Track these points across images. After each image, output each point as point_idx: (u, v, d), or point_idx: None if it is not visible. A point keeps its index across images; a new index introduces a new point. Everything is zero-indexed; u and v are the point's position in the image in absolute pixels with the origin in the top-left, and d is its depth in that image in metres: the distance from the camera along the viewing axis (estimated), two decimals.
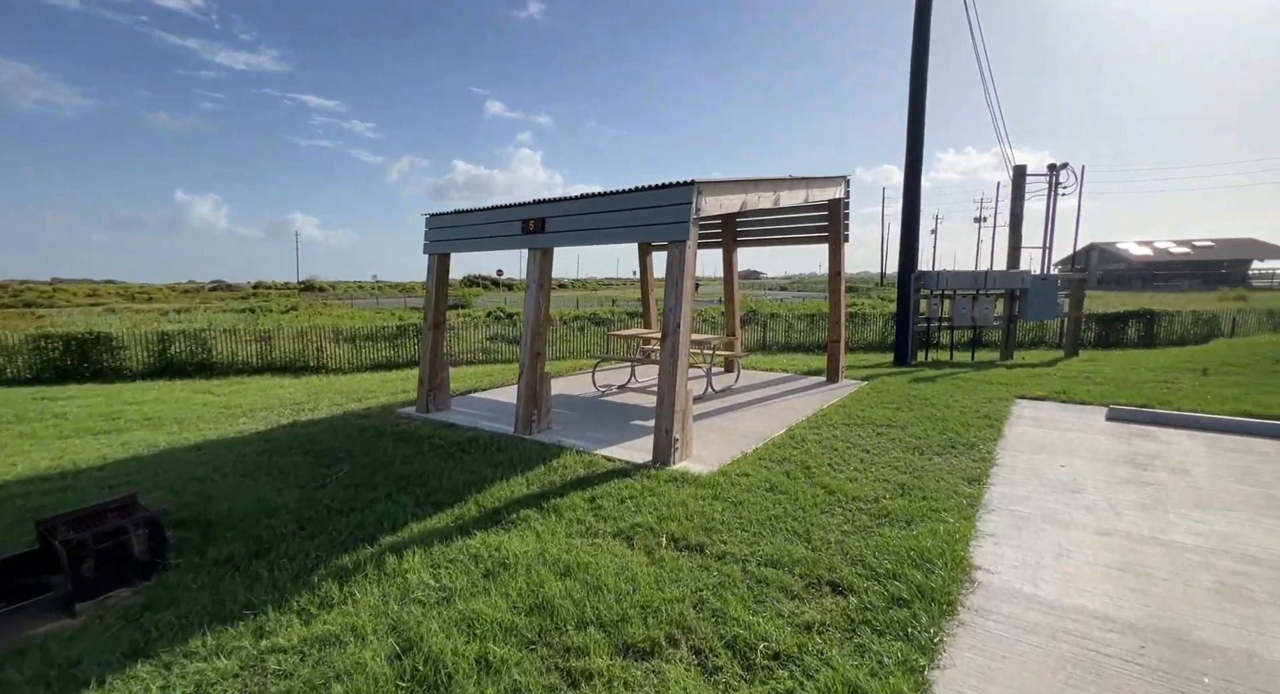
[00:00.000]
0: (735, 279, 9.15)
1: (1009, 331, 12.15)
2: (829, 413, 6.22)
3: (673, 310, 4.56)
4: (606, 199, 4.97)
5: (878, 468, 4.41)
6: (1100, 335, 15.73)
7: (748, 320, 18.23)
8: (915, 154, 10.32)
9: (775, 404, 6.76)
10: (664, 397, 4.57)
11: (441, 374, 6.42)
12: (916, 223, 10.62)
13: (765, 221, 8.75)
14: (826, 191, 7.24)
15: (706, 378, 7.33)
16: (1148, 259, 52.25)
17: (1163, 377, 8.70)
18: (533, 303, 5.43)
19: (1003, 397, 7.03)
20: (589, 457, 4.69)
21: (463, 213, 6.12)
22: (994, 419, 5.91)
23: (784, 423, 5.84)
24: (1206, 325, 15.77)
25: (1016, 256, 12.62)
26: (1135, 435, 5.38)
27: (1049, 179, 12.52)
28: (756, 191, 5.48)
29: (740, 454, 4.81)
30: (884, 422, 5.80)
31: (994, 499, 3.84)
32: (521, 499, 3.77)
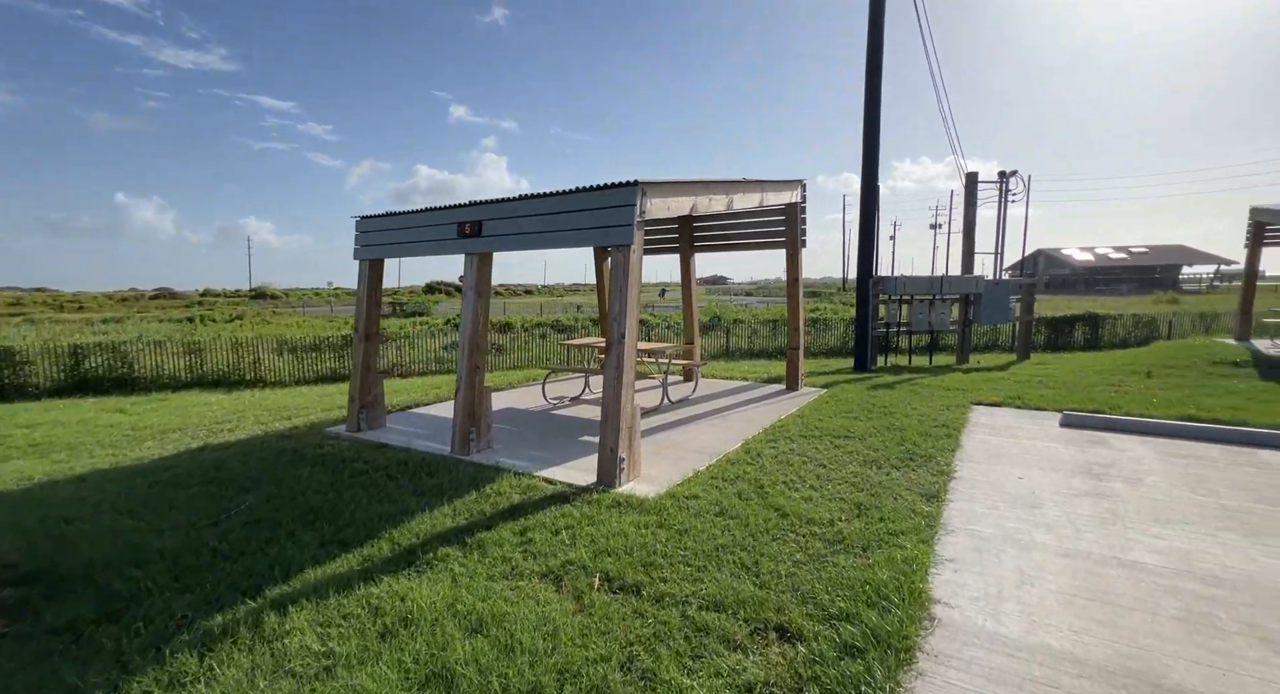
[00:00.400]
0: (693, 285, 8.91)
1: (964, 336, 12.32)
2: (787, 424, 6.00)
3: (617, 319, 4.24)
4: (547, 201, 4.62)
5: (834, 485, 4.18)
6: (1049, 338, 16.23)
7: (711, 326, 18.12)
8: (871, 159, 10.34)
9: (733, 415, 6.51)
10: (609, 413, 4.24)
11: (375, 389, 5.92)
12: (874, 228, 10.63)
13: (723, 226, 8.55)
14: (782, 195, 7.07)
15: (662, 389, 7.04)
16: (1090, 264, 54.97)
17: (1110, 380, 8.88)
18: (470, 313, 5.02)
19: (960, 403, 6.97)
20: (528, 480, 4.30)
21: (394, 215, 5.66)
22: (951, 428, 5.79)
23: (740, 436, 5.59)
24: (1146, 328, 16.46)
25: (970, 262, 12.85)
26: (1089, 442, 5.33)
27: (999, 186, 12.81)
28: (708, 194, 5.23)
29: (692, 473, 4.51)
30: (842, 432, 5.61)
31: (953, 518, 3.64)
32: (444, 534, 3.37)
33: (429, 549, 3.16)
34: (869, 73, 10.09)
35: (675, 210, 4.76)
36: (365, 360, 5.81)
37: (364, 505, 3.80)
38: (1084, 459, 4.82)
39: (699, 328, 9.14)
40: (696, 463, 4.76)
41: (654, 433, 5.75)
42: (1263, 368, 9.16)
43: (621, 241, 4.22)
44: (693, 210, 5.01)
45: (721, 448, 5.20)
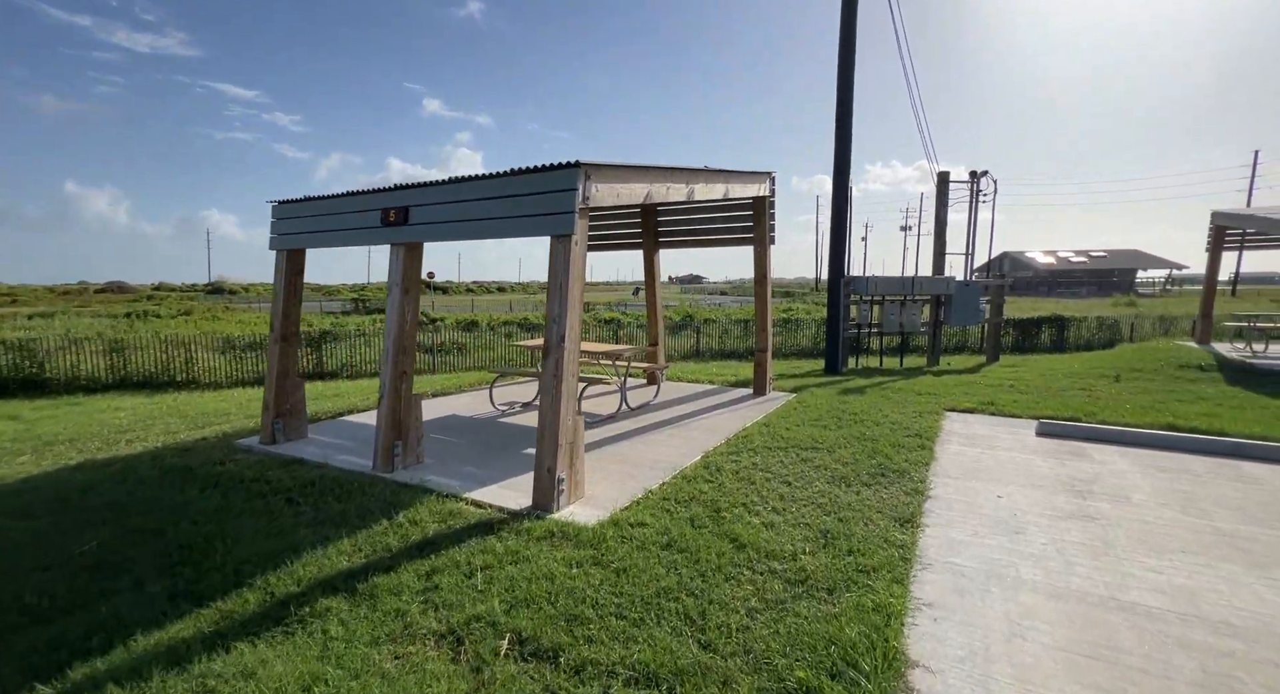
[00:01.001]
0: (657, 283, 8.42)
1: (935, 337, 12.14)
2: (751, 434, 5.56)
3: (556, 321, 3.71)
4: (477, 184, 4.05)
5: (799, 507, 3.73)
6: (1018, 340, 16.29)
7: (682, 326, 17.70)
8: (843, 159, 10.01)
9: (695, 424, 6.04)
10: (546, 427, 3.70)
11: (294, 396, 5.25)
12: (846, 227, 10.32)
13: (688, 220, 8.08)
14: (749, 188, 6.63)
15: (620, 394, 6.53)
16: (1052, 267, 56.57)
17: (1080, 384, 8.73)
18: (395, 312, 4.42)
19: (933, 410, 6.64)
20: (452, 504, 3.74)
21: (314, 200, 5.01)
22: (925, 437, 5.43)
23: (700, 448, 5.11)
24: (1109, 330, 16.66)
25: (941, 262, 12.69)
26: (1068, 454, 5.02)
27: (971, 185, 12.68)
28: (665, 182, 4.73)
29: (642, 493, 4.01)
30: (810, 443, 5.19)
31: (930, 547, 3.23)
32: (333, 578, 2.79)
33: (308, 600, 2.59)
34: (841, 70, 9.76)
35: (627, 198, 4.25)
36: (282, 364, 5.14)
37: (245, 541, 3.19)
38: (1065, 474, 4.49)
39: (664, 328, 8.66)
40: (649, 480, 4.27)
41: (607, 444, 5.24)
42: (1228, 372, 9.15)
43: (561, 231, 3.69)
44: (648, 199, 4.50)
45: (679, 462, 4.71)
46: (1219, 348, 11.42)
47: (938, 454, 4.98)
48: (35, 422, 7.09)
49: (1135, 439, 5.35)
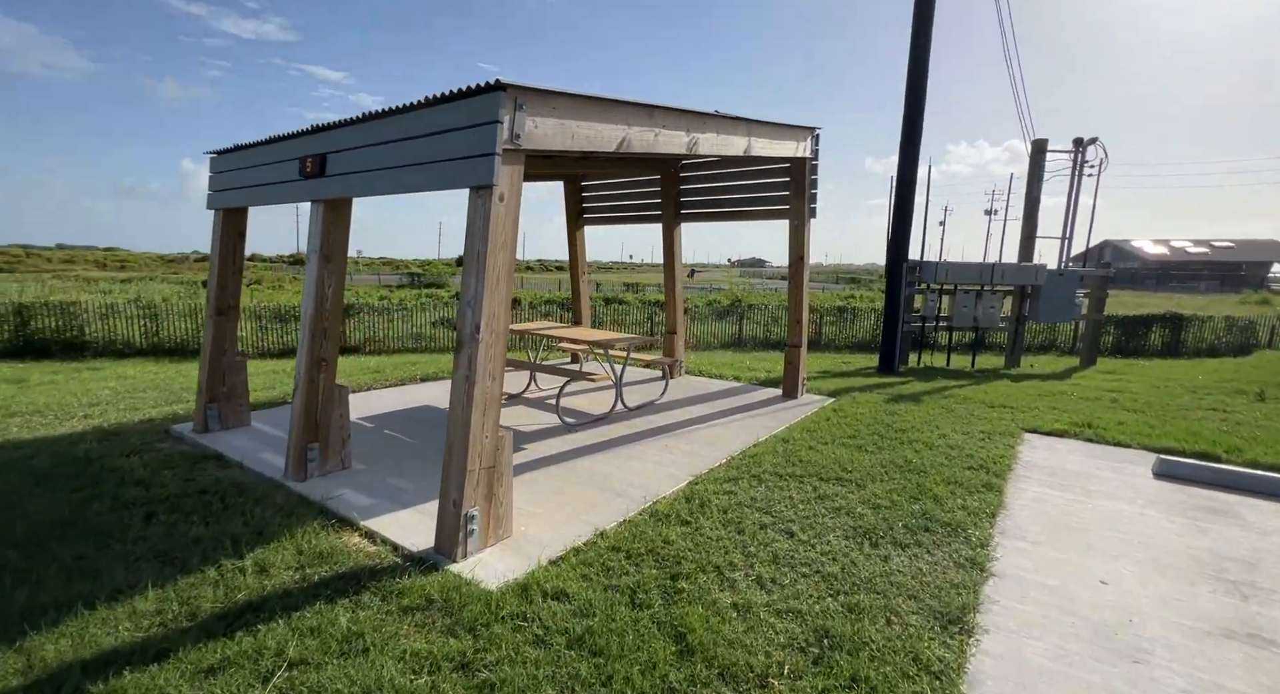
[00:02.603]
0: (677, 262, 7.30)
1: (1017, 335, 10.33)
2: (763, 452, 4.44)
3: (470, 305, 2.75)
4: (399, 120, 3.12)
5: (794, 578, 2.64)
6: (1120, 340, 13.88)
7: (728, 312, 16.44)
8: (914, 115, 8.39)
9: (698, 433, 4.98)
10: (453, 446, 2.78)
11: (233, 379, 4.63)
12: (911, 200, 8.73)
13: (714, 188, 6.87)
14: (783, 145, 5.36)
15: (615, 391, 5.54)
16: (1164, 258, 49.98)
17: (1209, 401, 6.91)
18: (313, 285, 3.62)
19: (1006, 430, 5.23)
20: (337, 537, 2.91)
21: (243, 149, 4.26)
22: (993, 471, 4.12)
23: (692, 469, 4.07)
24: (1242, 333, 13.89)
25: (1030, 247, 10.74)
26: (1205, 511, 3.59)
27: (1074, 156, 10.57)
28: (651, 125, 3.62)
29: (591, 535, 3.04)
30: (835, 471, 4.01)
31: (985, 680, 2.07)
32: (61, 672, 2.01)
33: None
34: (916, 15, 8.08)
35: (593, 143, 3.19)
36: (218, 341, 4.51)
37: (42, 580, 2.48)
38: (1205, 546, 3.11)
39: (683, 315, 7.56)
40: (608, 515, 3.29)
41: (579, 456, 4.29)
42: None
43: (477, 180, 2.70)
44: (625, 147, 3.42)
45: (658, 488, 3.70)
46: None
47: (1009, 500, 3.69)
48: (35, 386, 7.00)
49: None
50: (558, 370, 5.24)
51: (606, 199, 7.84)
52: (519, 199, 2.81)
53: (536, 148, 2.87)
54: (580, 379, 4.95)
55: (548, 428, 4.99)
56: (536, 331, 5.77)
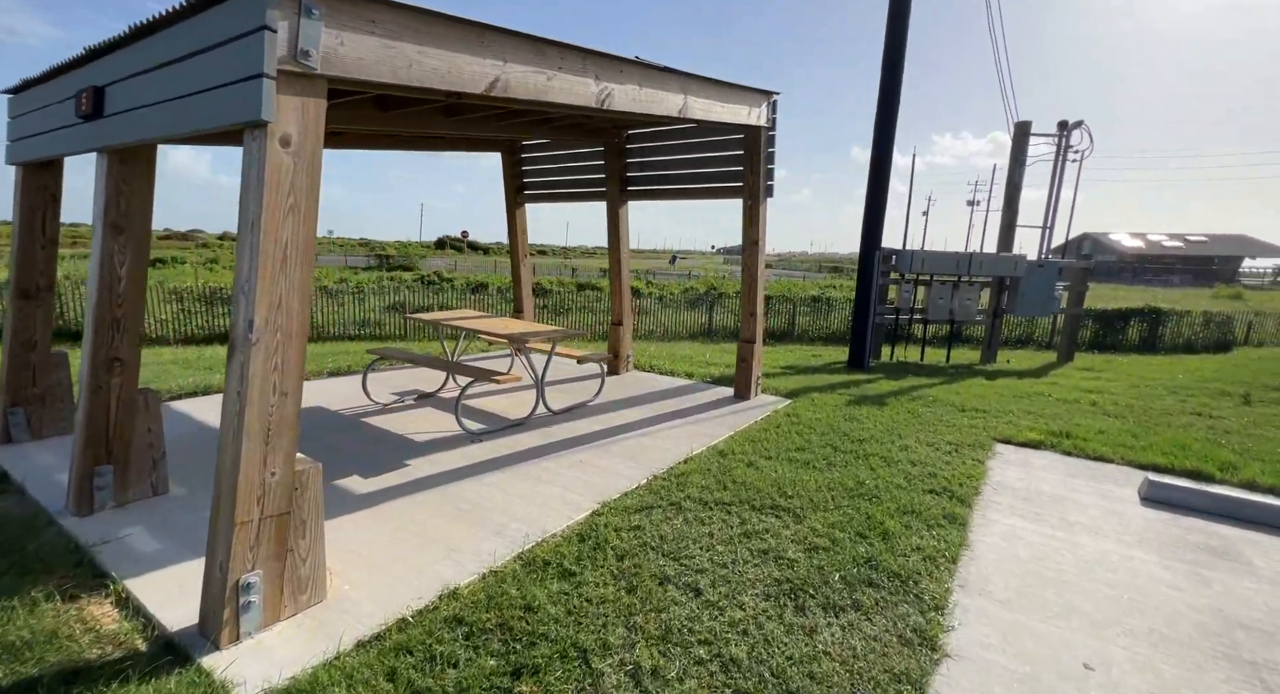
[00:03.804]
0: (624, 245, 6.54)
1: (994, 329, 9.79)
2: (692, 470, 3.75)
3: (244, 292, 1.97)
4: (163, 38, 2.29)
5: (683, 669, 1.96)
6: (1098, 334, 13.51)
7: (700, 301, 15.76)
8: (890, 100, 7.67)
9: (623, 443, 4.27)
10: (220, 491, 2.03)
11: (47, 377, 3.79)
12: (885, 185, 8.05)
13: (663, 162, 6.10)
14: (732, 109, 4.61)
15: (537, 391, 4.80)
16: (1140, 251, 50.42)
17: (1193, 404, 6.41)
18: (100, 262, 2.79)
19: (976, 440, 4.62)
20: (77, 607, 2.16)
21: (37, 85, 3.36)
22: (958, 495, 3.49)
23: (600, 494, 3.36)
24: (1219, 328, 13.61)
25: (1009, 236, 10.18)
26: (1203, 551, 3.00)
27: (1058, 140, 9.98)
28: (541, 67, 2.82)
29: (432, 597, 2.31)
30: (771, 497, 3.34)
31: None
32: None
33: None
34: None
35: (442, 80, 2.40)
36: (18, 331, 3.65)
37: None
38: (1211, 606, 2.50)
39: (631, 305, 6.81)
40: (470, 564, 2.57)
41: (466, 477, 3.55)
42: None
43: (243, 114, 1.91)
44: (497, 89, 2.63)
45: (547, 524, 2.99)
46: None
47: (974, 536, 3.05)
48: None
49: None
50: (460, 368, 4.47)
51: (548, 173, 7.03)
52: (318, 147, 2.03)
53: (350, 76, 2.08)
54: (486, 379, 4.19)
55: (446, 437, 4.25)
56: (444, 321, 4.98)
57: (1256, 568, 2.84)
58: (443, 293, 13.87)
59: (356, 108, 3.81)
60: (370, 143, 5.57)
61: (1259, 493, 3.80)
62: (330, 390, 5.41)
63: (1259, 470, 4.08)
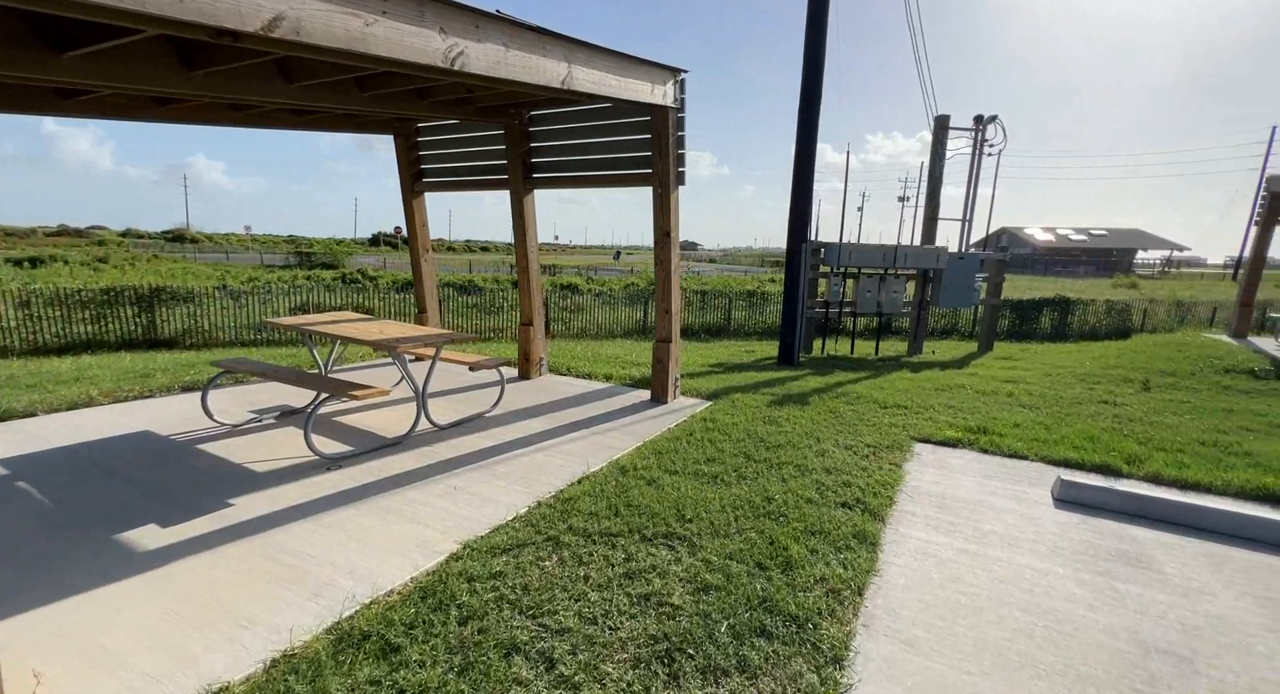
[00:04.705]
0: (531, 237, 5.98)
1: (919, 321, 9.89)
2: (584, 492, 3.28)
3: None
4: None
5: None
6: (1014, 324, 14.09)
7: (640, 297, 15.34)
8: (812, 92, 7.46)
9: (513, 464, 3.75)
10: None
11: None
12: (810, 177, 7.85)
13: (569, 146, 5.58)
14: (631, 86, 4.15)
15: (417, 405, 4.19)
16: (1051, 245, 54.21)
17: (1100, 392, 6.55)
18: None
19: (896, 441, 4.40)
20: None
21: None
22: (871, 506, 3.20)
23: (466, 531, 2.84)
24: (1119, 316, 14.50)
25: (932, 229, 10.33)
26: (1117, 559, 2.81)
27: (975, 135, 10.19)
28: (352, 8, 2.25)
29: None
30: (668, 521, 2.93)
31: None
32: None
33: None
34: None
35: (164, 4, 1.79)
36: None
37: None
38: (1127, 627, 2.27)
39: (542, 303, 6.27)
40: (256, 645, 2.00)
41: (304, 517, 2.94)
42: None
43: None
44: (278, 29, 2.04)
45: (384, 575, 2.44)
46: (1262, 344, 9.28)
47: (884, 558, 2.74)
48: None
49: (1221, 523, 3.13)
50: (316, 381, 3.81)
51: (447, 159, 6.36)
52: None
53: None
54: (342, 394, 3.56)
55: (296, 465, 3.59)
56: (306, 326, 4.28)
57: (1168, 576, 2.67)
58: (364, 292, 12.81)
59: (149, 65, 3.07)
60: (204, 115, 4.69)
61: (1163, 486, 3.73)
62: (171, 409, 4.59)
63: (1163, 462, 4.04)
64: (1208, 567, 2.76)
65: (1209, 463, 4.06)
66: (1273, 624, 2.34)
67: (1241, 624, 2.32)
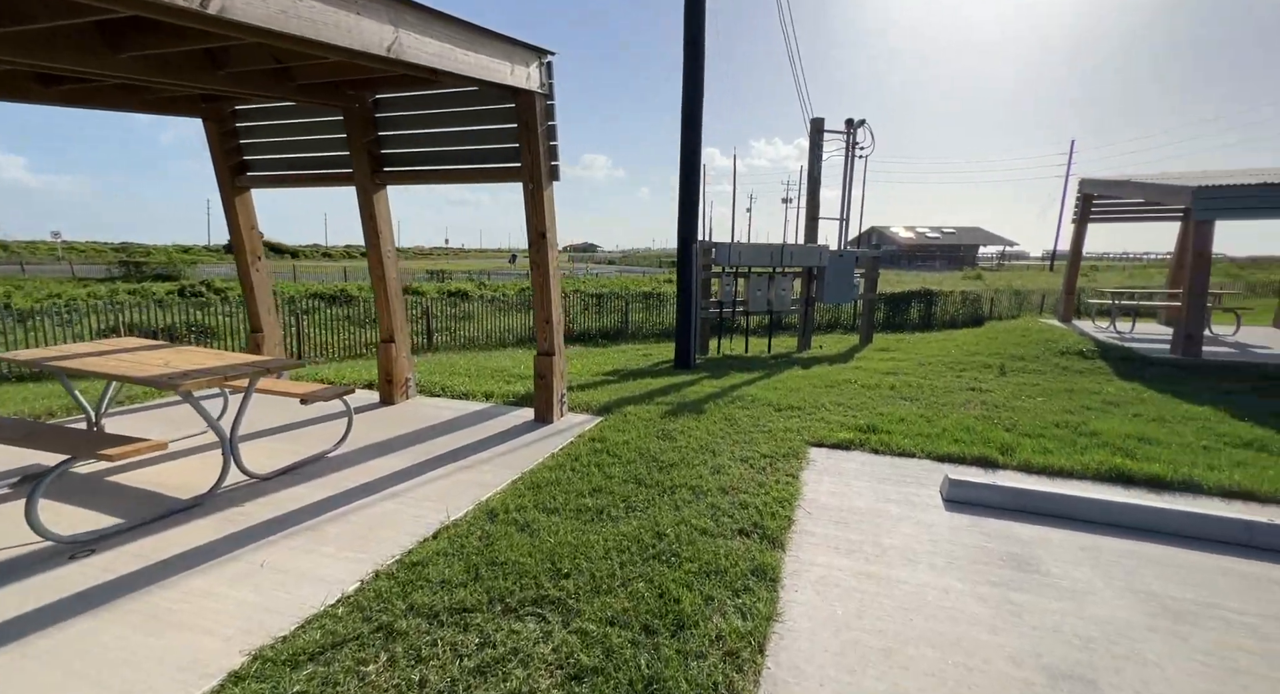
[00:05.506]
0: (384, 239, 5.16)
1: (807, 317, 10.19)
2: (438, 552, 2.67)
3: None
4: None
5: None
6: (889, 316, 15.23)
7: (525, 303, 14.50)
8: (694, 78, 7.28)
9: (350, 521, 3.03)
10: None
11: None
12: (697, 176, 7.68)
13: (423, 134, 4.87)
14: (487, 65, 3.58)
15: (223, 453, 3.30)
16: (912, 242, 60.56)
17: (967, 380, 7.00)
18: None
19: (790, 448, 4.23)
20: None
21: None
22: (769, 531, 2.92)
23: (261, 630, 2.13)
24: (973, 305, 16.18)
25: (814, 228, 10.72)
26: (1008, 565, 2.74)
27: (847, 137, 10.72)
28: None
29: None
30: (538, 582, 2.42)
31: None
32: None
33: None
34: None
35: None
36: None
37: None
38: (1029, 649, 2.12)
39: (404, 316, 5.45)
40: None
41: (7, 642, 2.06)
42: (1113, 361, 7.96)
43: None
44: None
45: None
46: (1084, 327, 10.65)
47: (785, 597, 2.44)
48: None
49: (1089, 511, 3.23)
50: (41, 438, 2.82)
51: (275, 149, 5.34)
52: None
53: None
54: (86, 456, 2.63)
55: (32, 554, 2.61)
56: (43, 361, 3.21)
57: (1055, 579, 2.62)
58: (208, 308, 10.83)
59: None
60: None
61: (1035, 475, 3.86)
62: None
63: (1030, 449, 4.22)
64: (1087, 562, 2.77)
65: (1066, 446, 4.30)
66: (1152, 621, 2.32)
67: (1128, 627, 2.28)
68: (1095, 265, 53.73)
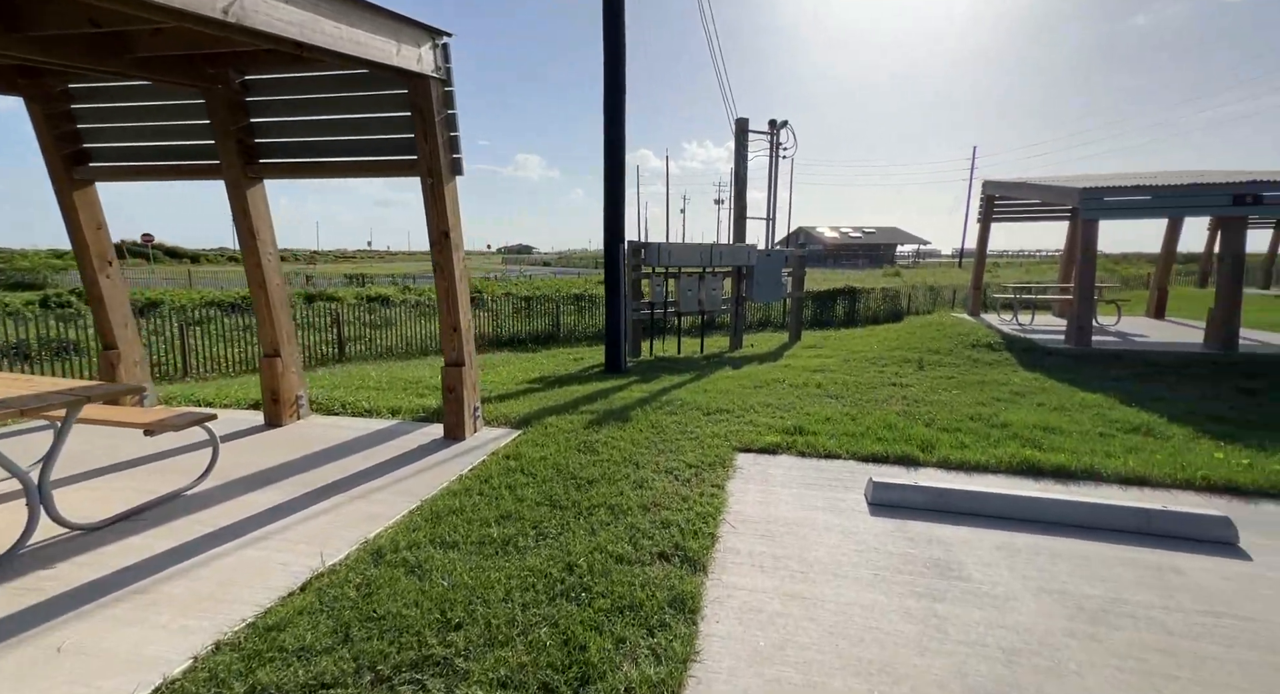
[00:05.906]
0: (265, 240, 4.55)
1: (738, 316, 10.21)
2: (305, 608, 2.24)
3: None
4: None
5: None
6: (816, 313, 15.67)
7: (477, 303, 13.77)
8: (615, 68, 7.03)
9: (196, 576, 2.53)
10: None
11: None
12: (621, 173, 7.44)
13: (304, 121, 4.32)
14: (364, 41, 3.14)
15: (30, 500, 2.69)
16: (836, 241, 63.52)
17: (888, 375, 7.17)
18: None
19: (718, 456, 4.06)
20: None
21: None
22: (691, 553, 2.70)
23: None
24: (892, 301, 16.97)
25: (742, 227, 10.80)
26: (932, 572, 2.66)
27: (771, 137, 10.90)
28: None
29: None
30: (423, 639, 2.06)
31: None
32: None
33: None
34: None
35: None
36: None
37: None
38: (956, 668, 2.01)
39: (290, 325, 4.84)
40: None
41: None
42: (1018, 352, 8.45)
43: None
44: None
45: None
46: (991, 320, 11.34)
47: (705, 630, 2.21)
48: None
49: (1003, 508, 3.24)
50: None
51: (125, 135, 4.58)
52: None
53: None
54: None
55: None
56: None
57: (976, 584, 2.56)
58: (75, 320, 9.34)
59: None
60: None
61: (953, 471, 3.89)
62: None
63: (949, 444, 4.27)
64: (1004, 563, 2.74)
65: (981, 439, 4.39)
66: (1070, 626, 2.28)
67: (1048, 635, 2.22)
68: (997, 262, 58.51)
